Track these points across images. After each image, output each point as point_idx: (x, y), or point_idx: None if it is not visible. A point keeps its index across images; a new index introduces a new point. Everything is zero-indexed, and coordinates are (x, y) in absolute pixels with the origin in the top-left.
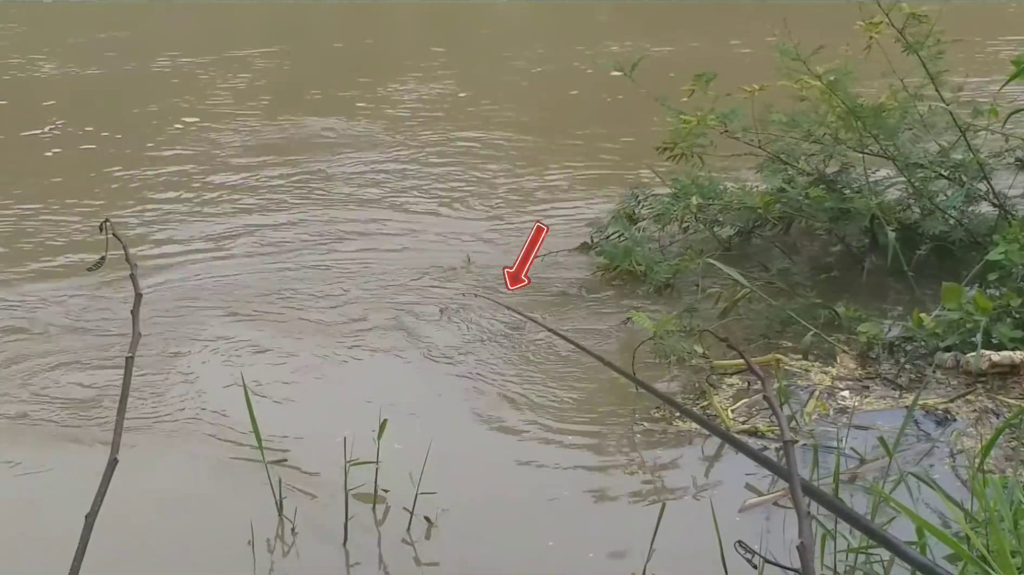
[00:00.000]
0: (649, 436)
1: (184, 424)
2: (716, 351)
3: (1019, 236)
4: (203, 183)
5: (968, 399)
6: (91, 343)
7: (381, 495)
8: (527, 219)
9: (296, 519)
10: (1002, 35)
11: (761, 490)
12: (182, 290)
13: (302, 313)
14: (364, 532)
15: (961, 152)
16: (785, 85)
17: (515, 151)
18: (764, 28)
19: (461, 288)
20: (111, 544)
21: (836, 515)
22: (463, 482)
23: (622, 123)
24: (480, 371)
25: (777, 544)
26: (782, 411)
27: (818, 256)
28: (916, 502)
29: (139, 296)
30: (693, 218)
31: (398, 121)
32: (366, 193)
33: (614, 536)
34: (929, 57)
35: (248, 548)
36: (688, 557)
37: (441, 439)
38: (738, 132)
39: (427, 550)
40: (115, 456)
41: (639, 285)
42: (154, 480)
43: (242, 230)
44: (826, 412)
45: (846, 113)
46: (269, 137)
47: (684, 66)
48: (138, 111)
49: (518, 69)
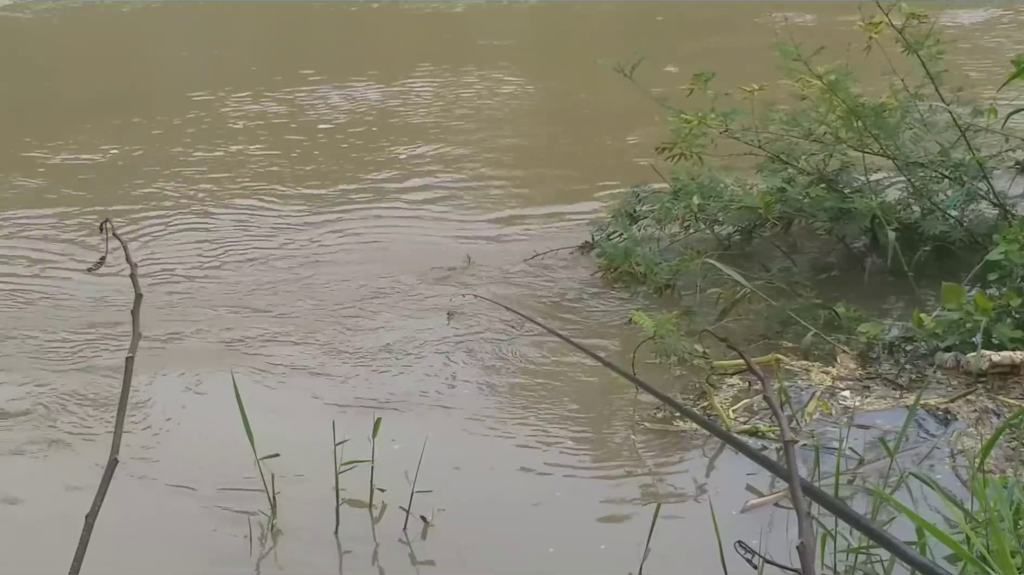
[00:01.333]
0: (649, 436)
1: (175, 422)
2: (716, 351)
3: (1019, 236)
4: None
5: (968, 399)
6: (91, 342)
7: (377, 494)
8: (527, 218)
9: (289, 517)
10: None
11: (762, 490)
12: (175, 284)
13: (299, 314)
14: (359, 531)
15: (961, 152)
16: (784, 84)
17: (516, 149)
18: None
19: (461, 288)
20: (105, 546)
21: (836, 515)
22: (460, 482)
23: (624, 121)
24: (479, 372)
25: (777, 544)
26: (782, 411)
27: (818, 256)
28: (916, 502)
29: (139, 296)
30: (694, 218)
31: (398, 119)
32: (366, 192)
33: (613, 537)
34: (929, 57)
35: (242, 547)
36: (688, 558)
37: (438, 439)
38: (738, 132)
39: (423, 549)
40: (115, 456)
41: (640, 285)
42: (145, 481)
43: (234, 229)
44: (829, 412)
45: (846, 112)
46: (263, 135)
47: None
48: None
49: (519, 68)
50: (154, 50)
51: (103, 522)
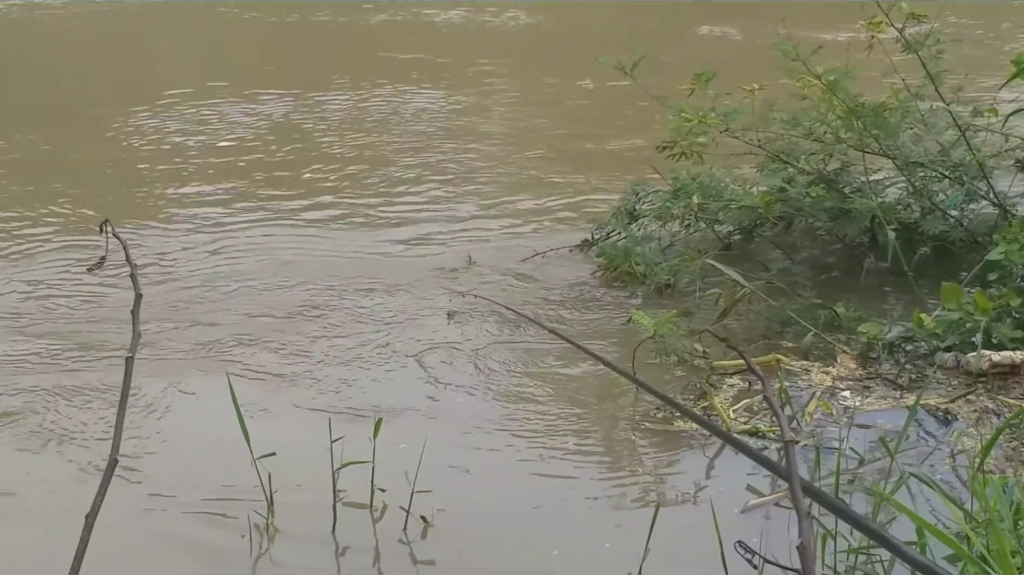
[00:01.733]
0: (650, 436)
1: (173, 422)
2: (716, 351)
3: (1019, 236)
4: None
5: (968, 399)
6: (91, 342)
7: (377, 495)
8: (528, 216)
9: (288, 516)
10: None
11: (762, 490)
12: (176, 287)
13: (299, 315)
14: (359, 531)
15: (962, 152)
16: (786, 84)
17: (515, 147)
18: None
19: (462, 288)
20: (105, 546)
21: (836, 515)
22: (460, 483)
23: (626, 120)
24: (479, 372)
25: (777, 544)
26: (783, 411)
27: (818, 256)
28: (916, 502)
29: (139, 296)
30: (694, 217)
31: (398, 117)
32: (365, 192)
33: (612, 537)
34: (929, 57)
35: (240, 546)
36: (689, 557)
37: (438, 440)
38: (738, 131)
39: (423, 549)
40: (115, 456)
41: (639, 285)
42: (144, 480)
43: (236, 230)
44: (830, 411)
45: (846, 112)
46: (267, 136)
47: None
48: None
49: (519, 68)
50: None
51: (103, 522)
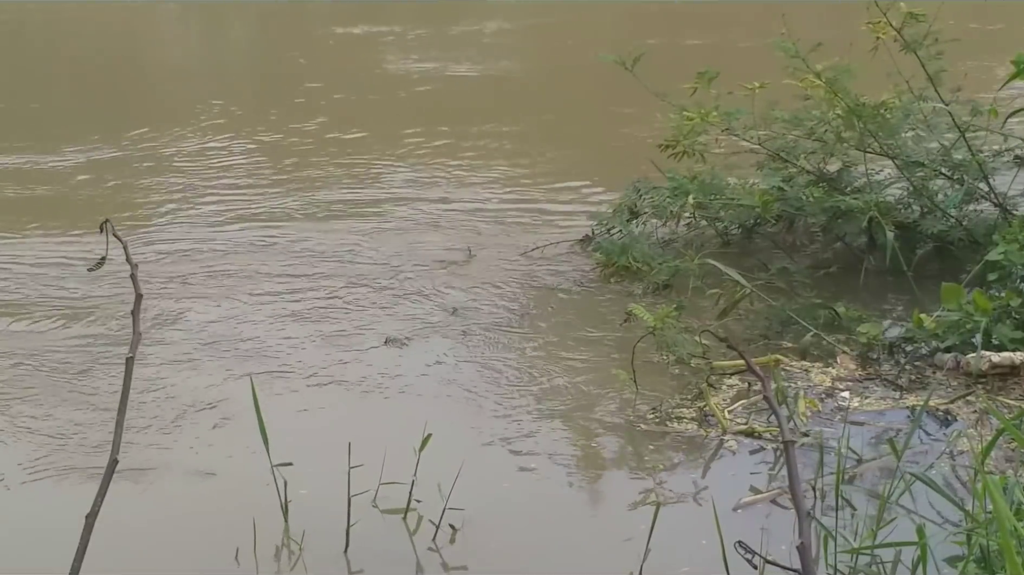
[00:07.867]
0: (649, 437)
1: (189, 427)
2: (716, 351)
3: (1019, 236)
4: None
5: (968, 400)
6: (90, 342)
7: (374, 494)
8: (528, 214)
9: (300, 526)
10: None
11: (762, 490)
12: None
13: (301, 318)
14: (368, 539)
15: (962, 152)
16: (788, 83)
17: (515, 146)
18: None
19: (462, 286)
20: (113, 546)
21: None
22: (459, 484)
23: (626, 118)
24: (479, 371)
25: (777, 544)
26: (782, 411)
27: (818, 255)
28: (917, 502)
29: (139, 296)
30: (694, 215)
31: (397, 117)
32: (364, 192)
33: (613, 537)
34: (928, 57)
35: (250, 555)
36: (689, 558)
37: (438, 440)
38: (739, 130)
39: (422, 548)
40: (115, 456)
41: (638, 282)
42: (156, 484)
43: (238, 230)
44: (816, 408)
45: (847, 112)
46: (265, 135)
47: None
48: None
49: (518, 67)
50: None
51: (103, 522)
